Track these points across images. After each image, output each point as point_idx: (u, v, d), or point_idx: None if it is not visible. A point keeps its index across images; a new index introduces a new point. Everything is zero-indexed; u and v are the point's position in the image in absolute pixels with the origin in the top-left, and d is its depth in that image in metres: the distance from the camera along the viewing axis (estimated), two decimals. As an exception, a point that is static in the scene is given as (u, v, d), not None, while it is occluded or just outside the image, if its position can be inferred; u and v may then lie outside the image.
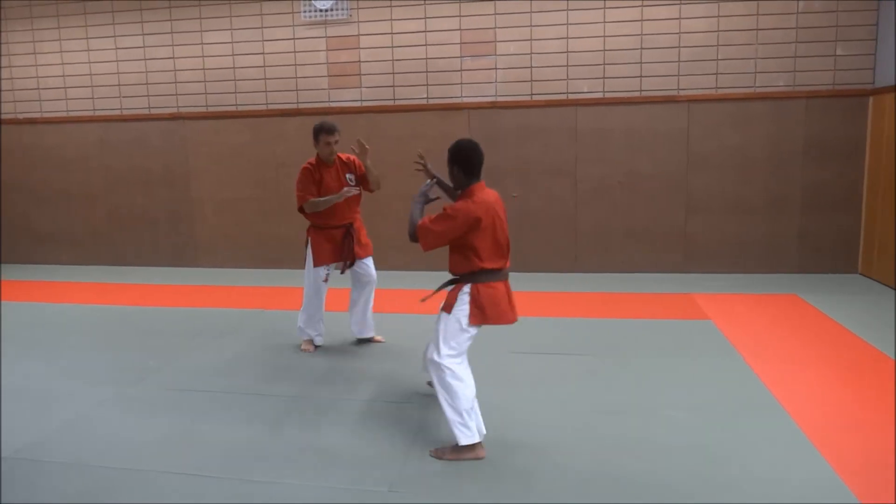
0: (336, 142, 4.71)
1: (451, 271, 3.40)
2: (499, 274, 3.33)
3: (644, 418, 3.64)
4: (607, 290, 6.65)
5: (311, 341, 5.01)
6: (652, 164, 7.28)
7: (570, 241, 7.56)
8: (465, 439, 3.22)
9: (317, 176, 4.74)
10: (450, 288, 3.40)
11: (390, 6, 7.50)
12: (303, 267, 4.95)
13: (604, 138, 7.33)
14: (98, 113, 8.39)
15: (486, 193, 3.34)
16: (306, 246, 4.93)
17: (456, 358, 3.29)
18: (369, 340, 5.11)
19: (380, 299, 5.25)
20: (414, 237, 3.34)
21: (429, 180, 3.67)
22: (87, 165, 8.53)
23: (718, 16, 6.95)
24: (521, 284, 6.85)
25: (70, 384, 4.34)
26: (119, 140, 8.39)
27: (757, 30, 6.92)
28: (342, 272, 4.92)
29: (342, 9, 7.54)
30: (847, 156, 6.97)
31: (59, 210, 8.72)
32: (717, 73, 7.04)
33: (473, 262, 3.28)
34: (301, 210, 4.81)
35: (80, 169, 8.56)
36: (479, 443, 3.27)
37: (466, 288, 3.30)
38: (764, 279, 6.95)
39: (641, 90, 7.18)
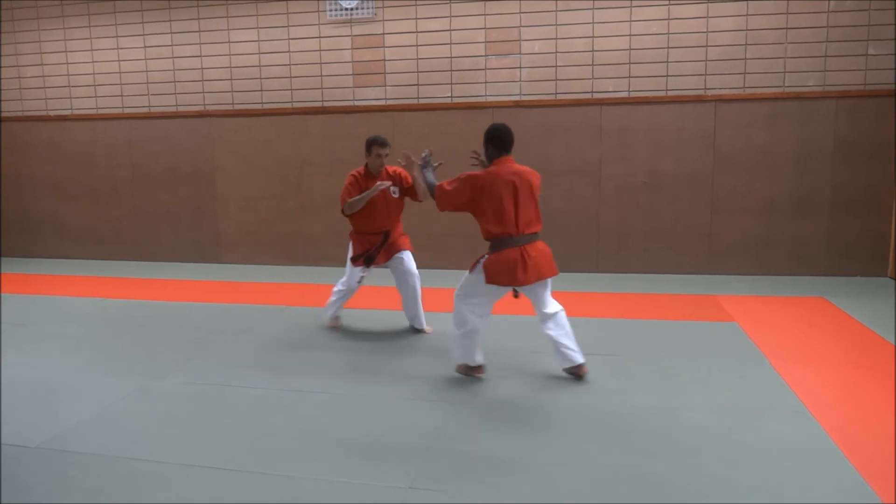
0: (387, 155, 4.97)
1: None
2: (510, 241, 3.90)
3: (667, 419, 3.60)
4: (630, 291, 6.60)
5: (335, 318, 5.41)
6: (677, 164, 7.21)
7: (593, 242, 7.51)
8: (461, 359, 4.10)
9: (363, 185, 4.97)
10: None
11: (415, 5, 7.51)
12: (337, 264, 5.38)
13: (628, 138, 7.27)
14: (126, 110, 8.52)
15: (507, 166, 3.95)
16: (349, 249, 5.25)
17: (466, 299, 4.04)
18: (421, 331, 5.29)
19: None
20: (433, 196, 4.06)
21: (426, 152, 4.33)
22: (115, 162, 8.66)
23: (747, 14, 6.86)
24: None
25: (96, 377, 4.40)
26: (146, 137, 8.50)
27: (786, 28, 6.82)
28: (365, 268, 5.14)
29: (367, 8, 7.57)
30: (877, 157, 6.84)
31: (86, 206, 8.86)
32: (745, 73, 6.95)
33: (483, 226, 3.95)
34: (344, 214, 5.05)
35: (108, 166, 8.69)
36: (480, 365, 4.16)
37: (484, 256, 3.98)
38: (790, 281, 6.85)
39: (667, 89, 7.11)
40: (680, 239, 7.31)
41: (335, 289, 5.31)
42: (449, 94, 7.60)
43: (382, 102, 7.78)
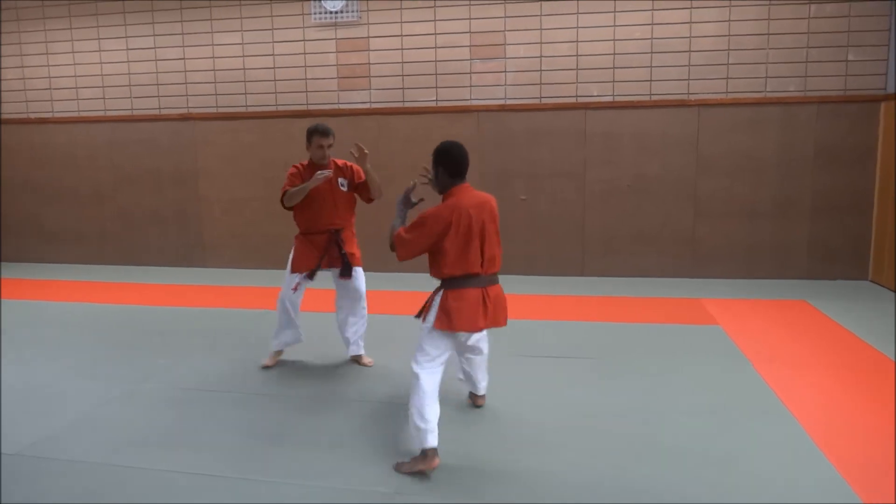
0: (330, 146, 4.48)
1: (431, 276, 3.39)
2: (471, 280, 3.24)
3: (651, 422, 3.62)
4: (615, 294, 6.63)
5: (276, 353, 4.68)
6: (661, 168, 7.26)
7: (578, 245, 7.54)
8: (426, 443, 3.10)
9: (305, 177, 4.44)
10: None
11: (400, 8, 7.51)
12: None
13: (613, 142, 7.31)
14: (109, 113, 8.44)
15: (468, 196, 3.26)
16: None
17: (428, 364, 3.23)
18: (357, 360, 4.71)
19: (394, 301, 5.25)
20: (392, 247, 3.32)
21: (410, 185, 3.48)
22: (97, 165, 8.58)
23: (730, 20, 6.93)
24: (527, 287, 6.92)
25: (77, 382, 4.35)
26: (129, 140, 8.43)
27: (768, 34, 6.90)
28: (310, 278, 4.55)
29: (352, 11, 7.56)
30: (858, 161, 6.93)
31: (69, 209, 8.76)
32: (727, 78, 7.01)
33: (440, 267, 3.25)
34: (285, 207, 4.48)
35: (90, 168, 8.60)
36: (434, 449, 3.10)
37: (440, 294, 3.29)
38: (773, 285, 6.91)
39: (651, 94, 7.16)
40: (665, 242, 7.36)
41: (279, 312, 4.62)
42: (434, 98, 7.60)
43: (367, 106, 7.76)
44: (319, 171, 4.28)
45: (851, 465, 3.11)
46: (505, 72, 7.42)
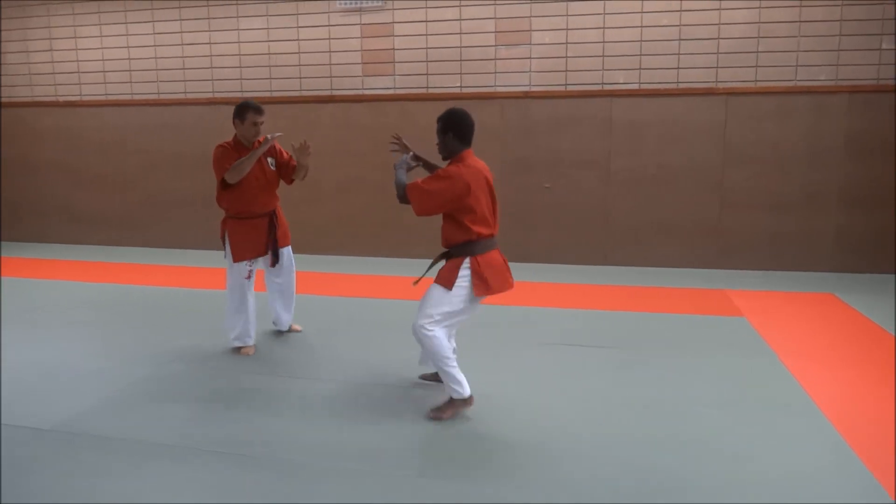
0: (262, 123, 4.34)
1: (444, 243, 3.49)
2: (491, 242, 3.45)
3: (676, 414, 3.60)
4: (638, 284, 6.59)
5: (249, 347, 4.59)
6: (687, 158, 7.18)
7: (601, 234, 7.49)
8: (461, 393, 3.44)
9: (234, 157, 4.29)
10: (443, 262, 3.52)
11: (426, -6, 7.49)
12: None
13: (638, 130, 7.24)
14: (136, 97, 8.52)
15: (475, 161, 3.45)
16: (223, 240, 4.50)
17: (438, 324, 3.40)
18: (289, 330, 4.91)
19: (399, 287, 5.24)
20: (404, 199, 3.42)
21: (408, 154, 3.67)
22: (125, 149, 8.67)
23: (760, 7, 6.81)
24: (550, 276, 6.91)
25: (106, 362, 4.42)
26: (155, 124, 8.51)
27: (799, 22, 6.77)
28: (272, 265, 4.57)
29: (378, -4, 7.54)
30: (889, 152, 6.79)
31: (96, 192, 8.87)
32: (756, 66, 6.90)
33: (468, 228, 3.35)
34: (221, 189, 4.34)
35: (118, 152, 8.70)
36: (470, 396, 3.47)
37: (466, 262, 3.38)
38: (799, 277, 6.83)
39: (678, 82, 7.07)
40: (689, 233, 7.29)
41: (228, 312, 4.53)
42: (458, 84, 7.57)
43: (391, 92, 7.75)
44: (268, 136, 4.23)
45: (879, 460, 3.07)
46: (530, 58, 7.36)
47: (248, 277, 4.45)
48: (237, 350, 4.56)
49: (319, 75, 7.91)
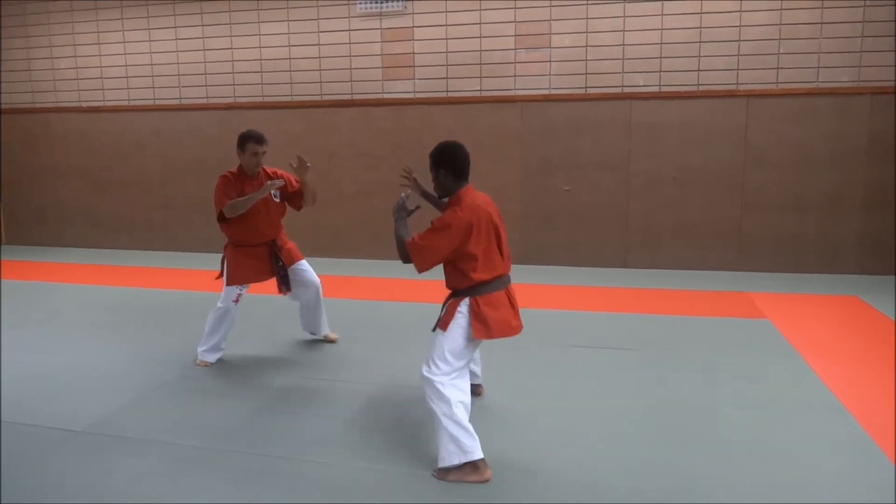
0: (264, 153, 4.31)
1: (447, 286, 3.20)
2: (498, 282, 3.11)
3: (704, 415, 3.60)
4: (658, 287, 6.58)
5: (207, 363, 4.49)
6: (707, 160, 7.16)
7: (621, 237, 7.49)
8: (467, 455, 2.92)
9: (237, 187, 4.29)
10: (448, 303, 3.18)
11: (445, -2, 7.53)
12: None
13: (658, 132, 7.23)
14: (158, 102, 8.61)
15: (476, 196, 3.12)
16: (222, 265, 4.50)
17: (449, 374, 3.03)
18: (323, 339, 4.92)
19: (427, 290, 5.25)
20: (406, 258, 3.09)
21: (404, 194, 3.34)
22: (145, 153, 8.77)
23: (781, 9, 6.78)
24: (570, 278, 6.91)
25: (132, 365, 4.48)
26: (176, 129, 8.60)
27: (821, 23, 6.74)
28: (284, 293, 4.56)
29: (397, 1, 7.58)
30: (913, 154, 6.75)
31: (117, 196, 8.98)
32: (778, 68, 6.88)
33: (469, 275, 3.03)
34: (220, 220, 4.35)
35: (139, 156, 8.81)
36: (483, 459, 2.95)
37: (465, 301, 3.07)
38: (822, 279, 6.79)
39: (699, 84, 7.06)
40: (709, 235, 7.26)
41: (211, 317, 4.48)
42: (478, 88, 7.60)
43: (411, 95, 7.79)
44: (270, 182, 4.12)
45: (910, 462, 3.05)
46: (550, 61, 7.38)
47: (236, 301, 4.44)
48: (199, 361, 4.47)
49: (340, 79, 7.97)
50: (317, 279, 4.69)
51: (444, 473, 2.96)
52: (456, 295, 3.14)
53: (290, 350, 4.79)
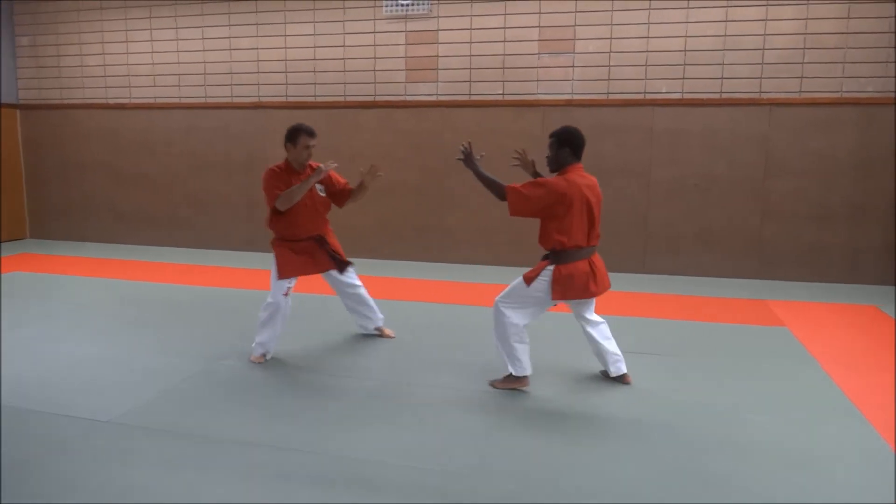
0: (314, 146, 4.36)
1: (540, 244, 3.85)
2: (581, 252, 3.73)
3: (723, 419, 3.61)
4: (676, 293, 6.59)
5: (263, 355, 4.53)
6: (729, 168, 7.16)
7: (640, 242, 7.50)
8: (516, 371, 3.86)
9: (286, 180, 4.33)
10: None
11: (471, 2, 7.57)
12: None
13: (680, 139, 7.24)
14: (184, 100, 8.73)
15: (582, 176, 3.75)
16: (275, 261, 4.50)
17: (511, 307, 3.79)
18: (379, 334, 5.02)
19: (450, 291, 5.32)
20: (502, 197, 3.72)
21: (463, 146, 3.91)
22: (170, 150, 8.90)
23: (807, 18, 6.78)
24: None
25: (159, 358, 4.56)
26: (202, 127, 8.72)
27: (847, 33, 6.73)
28: (341, 271, 4.66)
29: (423, 4, 7.65)
30: (938, 166, 6.71)
31: (142, 192, 9.12)
32: (802, 77, 6.87)
33: (555, 237, 3.69)
34: (272, 215, 4.39)
35: (164, 153, 8.93)
36: (527, 376, 3.90)
37: (549, 268, 3.74)
38: (842, 289, 6.76)
39: (722, 92, 7.06)
40: (730, 243, 7.26)
41: (262, 314, 4.48)
42: (501, 92, 7.65)
43: (434, 98, 7.85)
44: (321, 165, 4.22)
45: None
46: (573, 66, 7.41)
47: (286, 294, 4.45)
48: (253, 357, 4.51)
49: (363, 81, 8.04)
50: (359, 281, 4.83)
51: (497, 382, 3.96)
52: (545, 258, 3.81)
53: (316, 348, 4.84)
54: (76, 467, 3.07)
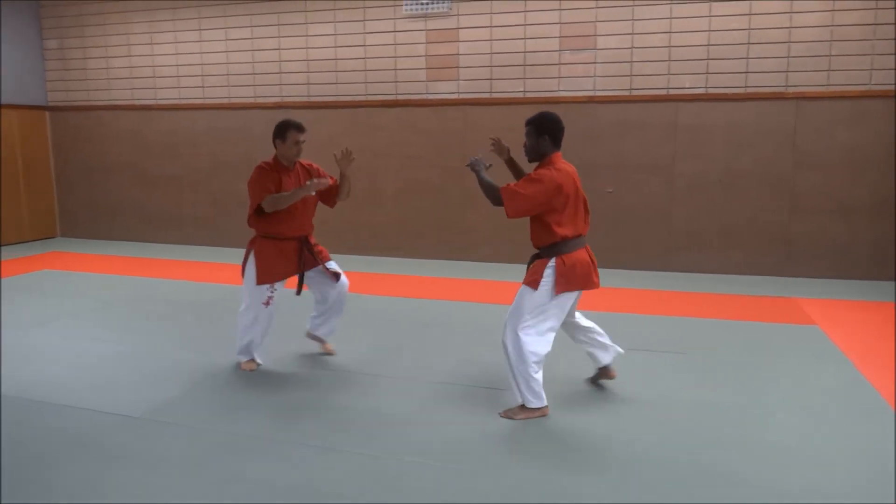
0: (304, 141, 4.19)
1: (533, 244, 3.63)
2: (579, 241, 3.58)
3: (757, 419, 3.57)
4: (702, 291, 6.51)
5: (252, 360, 4.39)
6: (754, 163, 7.06)
7: (664, 239, 7.43)
8: (537, 403, 3.55)
9: (275, 178, 4.10)
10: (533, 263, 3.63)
11: (491, 0, 7.55)
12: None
13: (704, 135, 7.16)
14: (207, 101, 8.82)
15: (566, 163, 3.60)
16: (245, 261, 4.22)
17: (530, 329, 3.49)
18: (321, 341, 4.63)
19: (468, 289, 5.31)
20: (498, 201, 3.49)
21: (477, 157, 3.73)
22: (195, 151, 8.99)
23: (833, 10, 6.67)
24: (612, 280, 6.85)
25: (185, 354, 4.62)
26: (225, 127, 8.80)
27: (875, 24, 6.60)
28: (298, 293, 4.33)
29: (443, 2, 7.65)
30: (970, 159, 6.57)
31: (167, 192, 9.22)
32: (829, 70, 6.76)
33: (554, 231, 3.49)
34: (254, 214, 4.12)
35: (189, 154, 9.03)
36: (546, 406, 3.59)
37: (552, 262, 3.51)
38: (872, 286, 6.64)
39: (746, 86, 6.97)
40: (755, 239, 7.17)
41: (240, 331, 4.29)
42: (522, 89, 7.62)
43: (455, 96, 7.85)
44: (315, 179, 3.99)
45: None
46: (595, 63, 7.36)
47: (267, 304, 4.19)
48: (239, 364, 4.37)
49: (384, 80, 8.06)
50: (345, 278, 4.47)
51: (511, 413, 3.58)
52: (540, 256, 3.59)
53: (338, 346, 4.86)
54: (108, 463, 3.11)
